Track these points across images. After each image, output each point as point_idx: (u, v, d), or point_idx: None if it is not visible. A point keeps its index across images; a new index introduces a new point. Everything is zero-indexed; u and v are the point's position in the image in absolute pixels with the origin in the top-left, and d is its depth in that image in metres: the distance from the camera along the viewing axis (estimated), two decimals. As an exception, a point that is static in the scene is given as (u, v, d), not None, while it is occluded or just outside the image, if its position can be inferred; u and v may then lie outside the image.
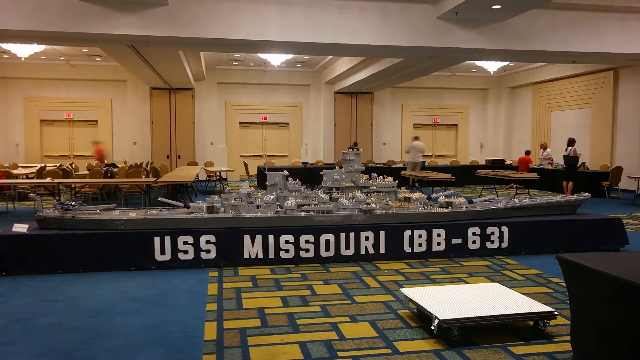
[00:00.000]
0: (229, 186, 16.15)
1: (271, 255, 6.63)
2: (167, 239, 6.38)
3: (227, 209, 6.86)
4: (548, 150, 17.13)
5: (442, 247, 7.07)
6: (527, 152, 17.02)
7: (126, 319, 4.67)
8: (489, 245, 7.21)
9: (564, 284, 3.95)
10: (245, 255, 6.58)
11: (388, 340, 4.16)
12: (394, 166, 17.98)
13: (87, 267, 6.25)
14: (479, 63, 17.02)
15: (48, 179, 11.19)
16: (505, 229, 7.24)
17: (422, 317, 4.60)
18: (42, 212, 6.60)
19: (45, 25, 8.63)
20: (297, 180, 7.43)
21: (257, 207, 6.89)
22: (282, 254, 6.67)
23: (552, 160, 16.88)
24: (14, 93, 18.61)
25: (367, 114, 20.91)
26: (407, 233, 6.94)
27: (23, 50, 13.05)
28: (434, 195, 7.89)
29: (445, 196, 7.57)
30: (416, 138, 17.01)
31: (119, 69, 17.07)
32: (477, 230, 7.13)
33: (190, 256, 6.45)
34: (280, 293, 5.48)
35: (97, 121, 19.34)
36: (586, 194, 8.13)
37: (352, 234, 6.83)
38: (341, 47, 10.45)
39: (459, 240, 7.08)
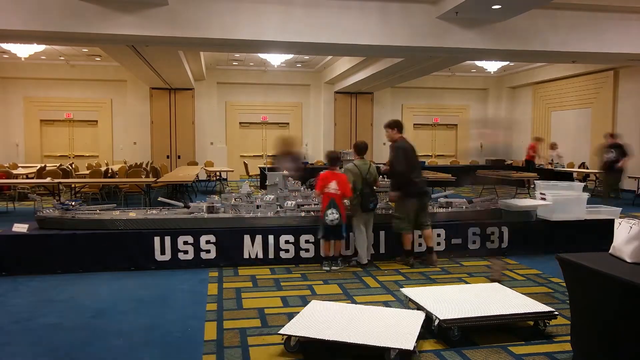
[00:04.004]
0: (229, 186, 16.15)
1: (271, 255, 6.64)
2: (167, 239, 6.38)
3: (227, 209, 6.86)
4: (558, 150, 16.42)
5: (442, 247, 7.07)
6: (538, 139, 16.21)
7: (126, 319, 4.67)
8: (489, 245, 7.21)
9: (564, 284, 3.95)
10: (245, 255, 6.58)
11: (388, 340, 4.15)
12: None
13: (87, 267, 6.24)
14: (479, 63, 16.98)
15: (48, 179, 11.19)
16: (505, 229, 7.24)
17: (422, 317, 4.59)
18: (42, 212, 6.60)
19: (45, 25, 8.62)
20: (297, 181, 7.43)
21: (257, 207, 6.90)
22: (282, 254, 6.67)
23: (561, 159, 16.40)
24: (14, 93, 18.58)
25: (367, 114, 20.89)
26: (407, 233, 6.93)
27: (23, 50, 13.02)
28: (434, 196, 7.89)
29: (445, 196, 7.56)
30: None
31: (119, 69, 17.04)
32: (477, 230, 7.13)
33: (190, 256, 6.45)
34: (280, 293, 5.48)
35: (97, 121, 19.32)
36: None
37: (352, 234, 6.82)
38: (341, 47, 10.44)
39: (459, 240, 7.08)
